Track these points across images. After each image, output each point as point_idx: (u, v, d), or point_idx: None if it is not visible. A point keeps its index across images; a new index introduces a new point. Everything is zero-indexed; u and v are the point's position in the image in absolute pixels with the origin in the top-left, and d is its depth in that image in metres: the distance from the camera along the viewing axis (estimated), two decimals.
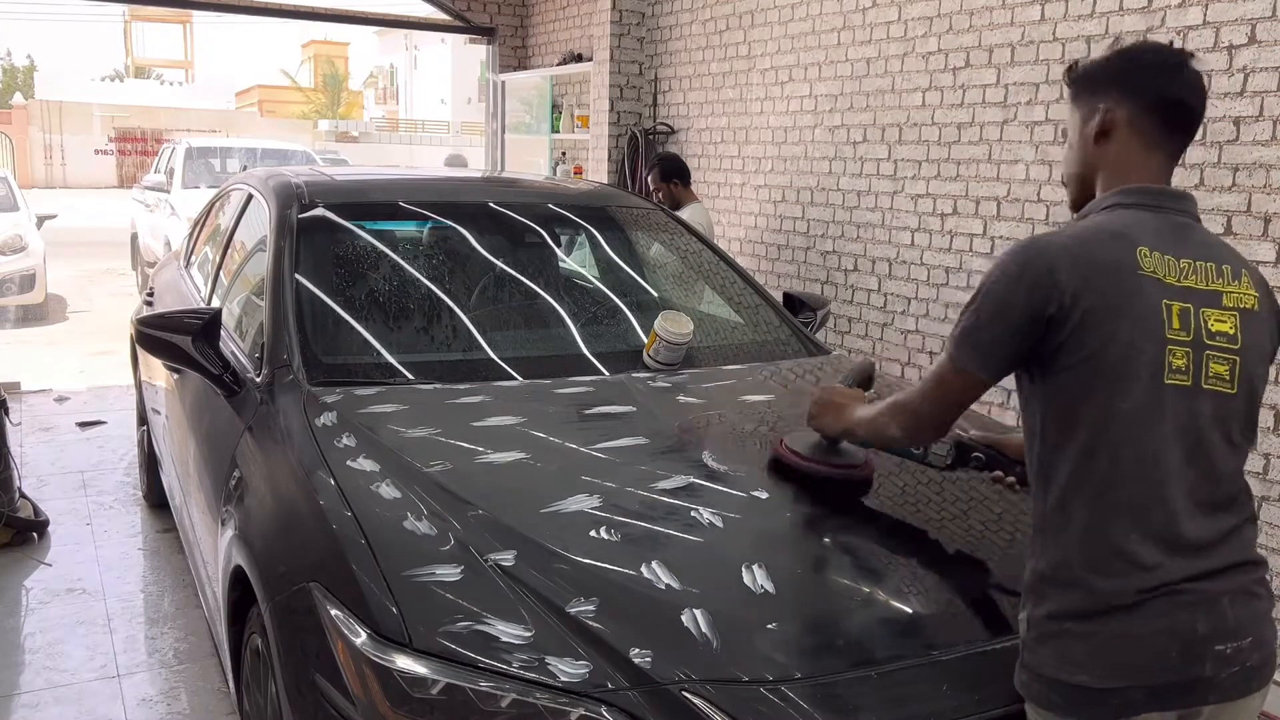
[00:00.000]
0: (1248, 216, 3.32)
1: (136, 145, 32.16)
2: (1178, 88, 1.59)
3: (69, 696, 3.02)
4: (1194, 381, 1.49)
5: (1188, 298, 1.51)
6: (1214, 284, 1.54)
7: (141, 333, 2.69)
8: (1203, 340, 1.50)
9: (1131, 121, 1.60)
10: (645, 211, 3.69)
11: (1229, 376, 1.52)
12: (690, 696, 1.54)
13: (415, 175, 4.62)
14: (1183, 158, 1.66)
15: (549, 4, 7.97)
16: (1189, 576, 1.48)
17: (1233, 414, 1.54)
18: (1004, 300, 1.52)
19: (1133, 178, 1.60)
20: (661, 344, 2.76)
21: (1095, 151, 1.64)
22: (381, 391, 2.49)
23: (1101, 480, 1.49)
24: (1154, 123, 1.59)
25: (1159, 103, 1.59)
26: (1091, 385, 1.48)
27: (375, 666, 1.62)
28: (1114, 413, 1.47)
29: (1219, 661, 1.48)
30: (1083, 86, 1.67)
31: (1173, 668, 1.47)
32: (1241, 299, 1.55)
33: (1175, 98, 1.59)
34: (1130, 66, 1.62)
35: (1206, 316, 1.51)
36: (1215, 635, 1.48)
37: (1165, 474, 1.48)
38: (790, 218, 5.50)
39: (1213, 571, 1.49)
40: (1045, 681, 1.50)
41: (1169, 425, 1.48)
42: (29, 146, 31.05)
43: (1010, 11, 4.15)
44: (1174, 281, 1.51)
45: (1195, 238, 1.58)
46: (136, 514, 4.48)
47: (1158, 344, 1.48)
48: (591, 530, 1.89)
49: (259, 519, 2.18)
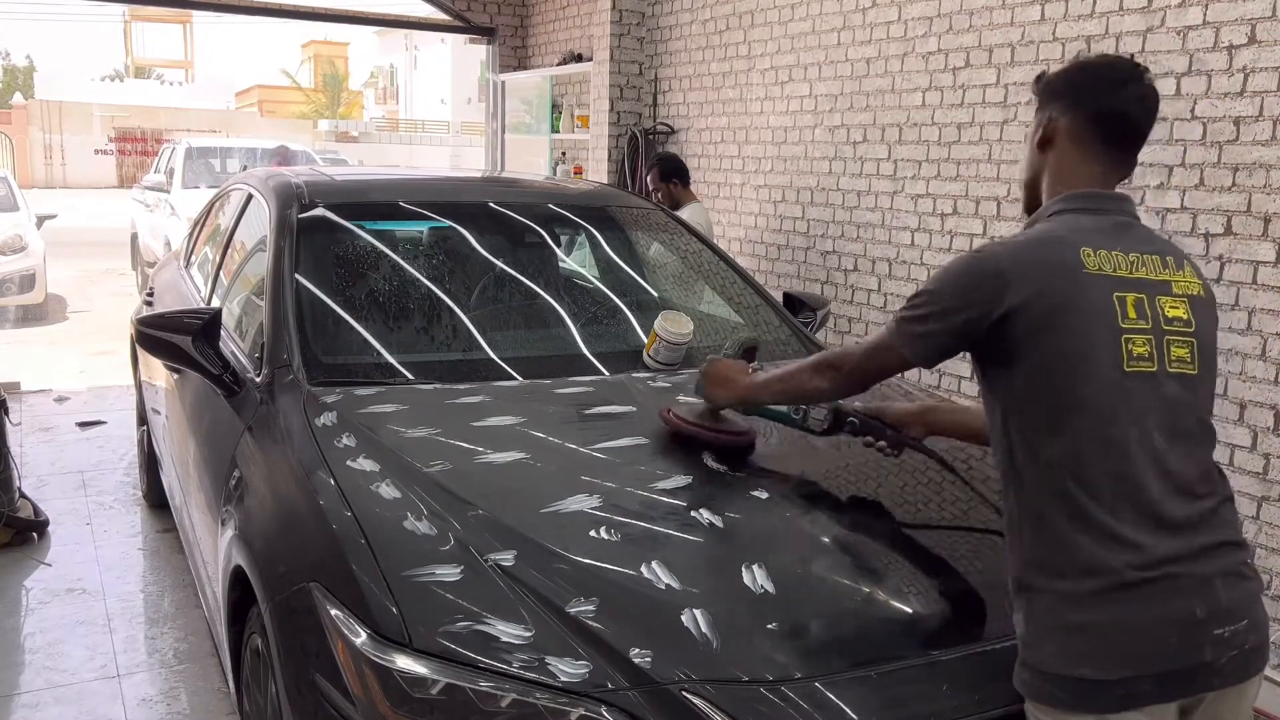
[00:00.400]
0: (1248, 216, 3.32)
1: (136, 145, 32.17)
2: (1120, 101, 1.64)
3: (69, 696, 3.02)
4: (1158, 366, 1.55)
5: (1141, 288, 1.57)
6: (1163, 274, 1.61)
7: (141, 333, 2.69)
8: (1161, 326, 1.56)
9: (1071, 131, 1.66)
10: (645, 211, 3.69)
11: (1190, 358, 1.58)
12: (690, 696, 1.54)
13: (415, 175, 4.62)
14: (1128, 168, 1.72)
15: (549, 4, 7.97)
16: (1177, 555, 1.49)
17: (1199, 394, 1.60)
18: (947, 304, 1.61)
19: (1073, 185, 1.66)
20: (661, 344, 2.76)
21: (1039, 158, 1.72)
22: (381, 391, 2.49)
23: (1074, 470, 1.51)
24: (1092, 134, 1.65)
25: (1098, 115, 1.64)
26: (1052, 381, 1.53)
27: (375, 666, 1.62)
28: (1077, 404, 1.51)
29: (1218, 645, 1.49)
30: (1041, 95, 1.73)
31: (1174, 654, 1.47)
32: (1189, 287, 1.62)
33: (1116, 110, 1.64)
34: (1079, 78, 1.68)
35: (1162, 304, 1.58)
36: (1212, 619, 1.49)
37: (1137, 457, 1.51)
38: (790, 218, 5.50)
39: (1199, 551, 1.51)
40: (1047, 677, 1.50)
41: (1137, 410, 1.52)
42: (29, 146, 31.05)
43: (1010, 11, 4.15)
44: (1125, 274, 1.57)
45: (1138, 234, 1.65)
46: (136, 514, 4.48)
47: (1113, 334, 1.53)
48: (591, 530, 1.89)
49: (259, 519, 2.18)
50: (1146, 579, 1.47)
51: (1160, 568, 1.48)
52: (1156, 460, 1.52)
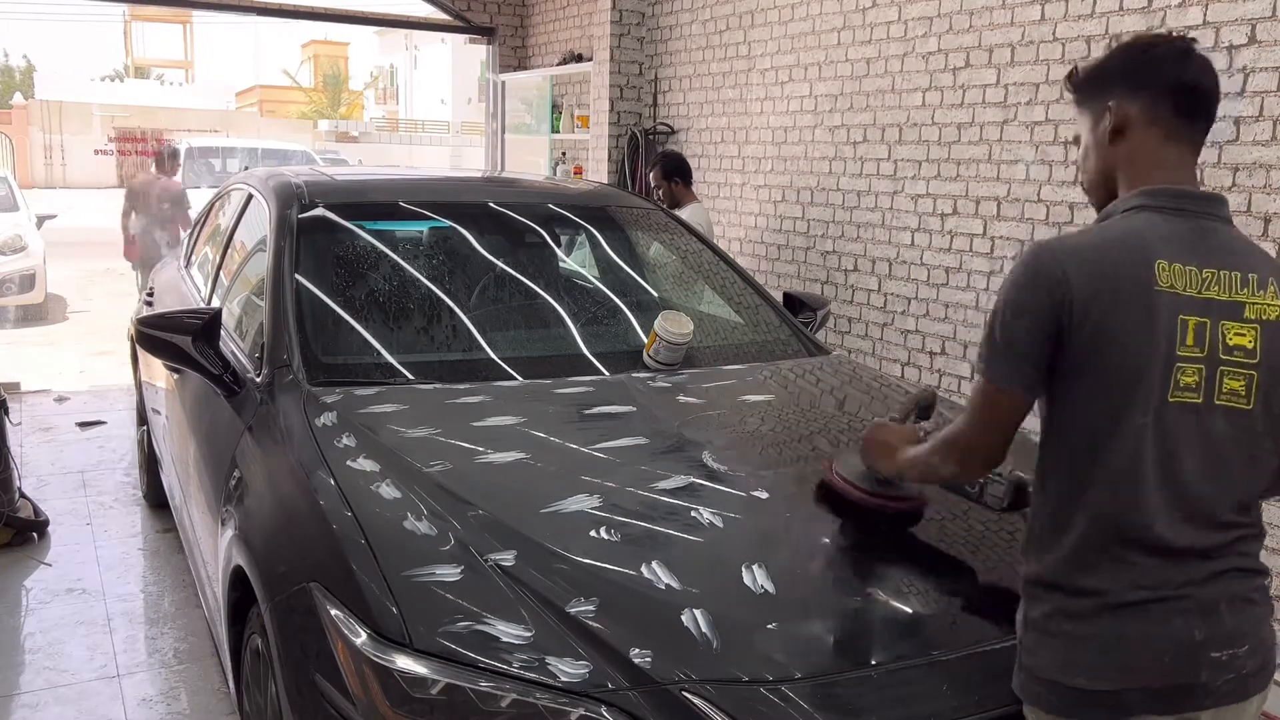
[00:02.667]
0: (1248, 216, 3.32)
1: (136, 145, 32.15)
2: (1189, 73, 1.53)
3: (69, 696, 3.02)
4: (1204, 398, 1.45)
5: (1206, 311, 1.45)
6: (1237, 294, 1.47)
7: (141, 333, 2.69)
8: (1218, 356, 1.45)
9: (1145, 114, 1.53)
10: (645, 211, 3.69)
11: (1244, 391, 1.47)
12: (690, 696, 1.54)
13: (415, 175, 4.62)
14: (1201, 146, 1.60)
15: (549, 4, 7.97)
16: (1185, 581, 1.47)
17: (1250, 429, 1.48)
18: (1022, 304, 1.47)
19: (1154, 175, 1.53)
20: (661, 344, 2.76)
21: (1111, 152, 1.57)
22: (381, 391, 2.49)
23: (1097, 490, 1.47)
24: (1169, 112, 1.53)
25: (1171, 90, 1.52)
26: (1093, 398, 1.46)
27: (375, 666, 1.62)
28: (1113, 431, 1.45)
29: (1215, 668, 1.47)
30: (1088, 89, 1.61)
31: (1168, 671, 1.46)
32: (1265, 310, 1.48)
33: (1188, 83, 1.52)
34: (1135, 60, 1.56)
35: (1225, 330, 1.46)
36: (1211, 641, 1.47)
37: (1160, 489, 1.45)
38: (790, 218, 5.50)
39: (1208, 577, 1.48)
40: (1043, 683, 1.50)
41: (1170, 442, 1.45)
42: (29, 146, 31.02)
43: (1010, 11, 4.15)
44: (1193, 294, 1.45)
45: (1220, 244, 1.50)
46: (136, 514, 4.48)
47: (1167, 363, 1.43)
48: (591, 530, 1.89)
49: (259, 519, 2.18)
50: (1149, 600, 1.46)
51: (1163, 589, 1.46)
52: (1180, 493, 1.46)
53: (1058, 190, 3.99)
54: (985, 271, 4.32)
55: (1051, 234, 4.02)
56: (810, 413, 2.68)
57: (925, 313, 4.63)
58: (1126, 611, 1.46)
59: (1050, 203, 4.03)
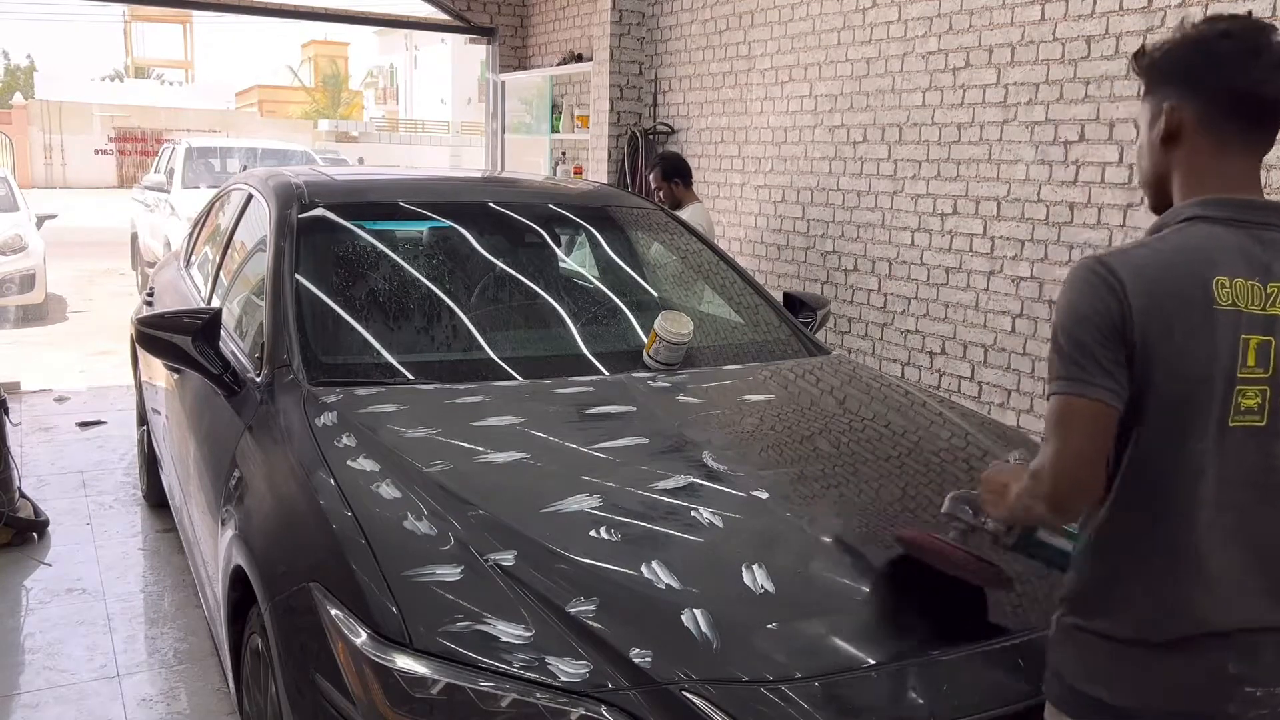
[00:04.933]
0: None
1: (136, 145, 32.16)
2: (1252, 78, 1.38)
3: (69, 696, 3.02)
4: (1268, 421, 1.36)
5: (1270, 328, 1.35)
6: None
7: (141, 333, 2.69)
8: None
9: (1201, 120, 1.41)
10: (645, 211, 3.69)
11: None
12: (690, 696, 1.54)
13: (415, 175, 4.62)
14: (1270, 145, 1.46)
15: (549, 4, 7.97)
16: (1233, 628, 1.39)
17: None
18: (1084, 309, 1.36)
19: (1210, 185, 1.41)
20: (661, 344, 2.77)
21: (1165, 156, 1.46)
22: (381, 391, 2.49)
23: (1146, 526, 1.40)
24: (1228, 118, 1.40)
25: (1231, 95, 1.39)
26: (1148, 419, 1.37)
27: (375, 666, 1.62)
28: (1170, 451, 1.37)
29: (1246, 702, 1.39)
30: (1150, 78, 1.48)
31: (1195, 698, 1.39)
32: None
33: (1247, 90, 1.38)
34: (1195, 56, 1.41)
35: None
36: (1246, 677, 1.39)
37: (1222, 518, 1.37)
38: (790, 218, 5.50)
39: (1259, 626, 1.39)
40: (1064, 685, 1.47)
41: (1232, 468, 1.36)
42: (29, 146, 31.04)
43: (1010, 11, 4.15)
44: (1256, 310, 1.35)
45: None
46: (136, 514, 4.48)
47: (1229, 384, 1.34)
48: (591, 530, 1.89)
49: (259, 519, 2.18)
50: (1186, 637, 1.39)
51: (1205, 627, 1.39)
52: (1240, 525, 1.37)
53: (1058, 190, 3.99)
54: (985, 271, 4.32)
55: (1051, 234, 4.02)
56: (810, 413, 2.68)
57: (925, 313, 4.64)
58: (1162, 648, 1.40)
59: (1050, 203, 4.03)
